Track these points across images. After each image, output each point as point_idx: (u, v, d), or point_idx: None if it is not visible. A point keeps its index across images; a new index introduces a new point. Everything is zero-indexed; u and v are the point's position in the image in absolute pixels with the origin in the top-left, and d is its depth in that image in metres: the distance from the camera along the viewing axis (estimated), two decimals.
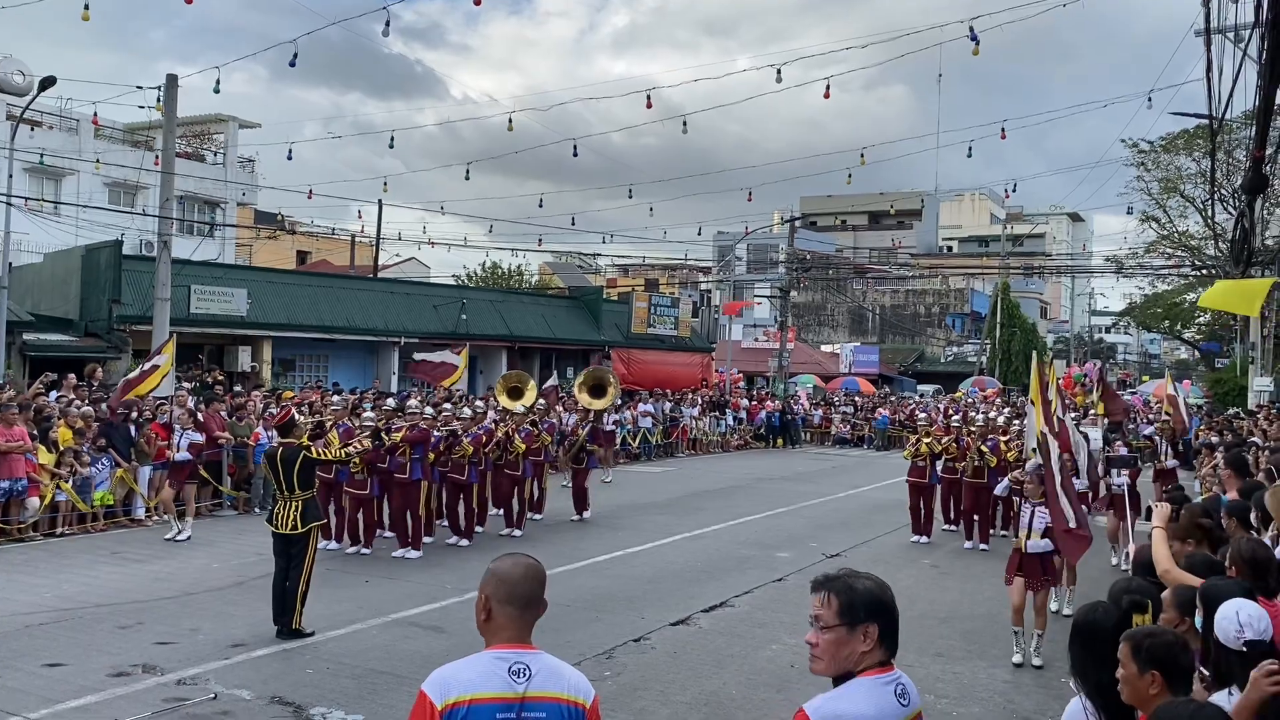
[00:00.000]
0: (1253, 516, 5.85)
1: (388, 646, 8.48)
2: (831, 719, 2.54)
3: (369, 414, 13.59)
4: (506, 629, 2.78)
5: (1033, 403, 10.02)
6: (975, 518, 14.31)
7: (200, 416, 15.11)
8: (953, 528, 14.91)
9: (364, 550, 12.55)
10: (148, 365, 14.71)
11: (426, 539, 12.80)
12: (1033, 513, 8.63)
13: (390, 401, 17.15)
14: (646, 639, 8.93)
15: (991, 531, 14.44)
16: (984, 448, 14.30)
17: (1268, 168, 11.45)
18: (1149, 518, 4.77)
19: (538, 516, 15.34)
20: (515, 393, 15.67)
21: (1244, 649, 3.15)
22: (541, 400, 17.09)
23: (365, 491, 12.64)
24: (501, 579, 2.81)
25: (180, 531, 13.26)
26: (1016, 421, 16.33)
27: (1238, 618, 3.22)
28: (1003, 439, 14.61)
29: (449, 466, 13.25)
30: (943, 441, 14.65)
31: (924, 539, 14.36)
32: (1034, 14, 16.23)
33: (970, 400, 30.75)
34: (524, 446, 14.42)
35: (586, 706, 2.78)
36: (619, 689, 7.44)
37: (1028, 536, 8.56)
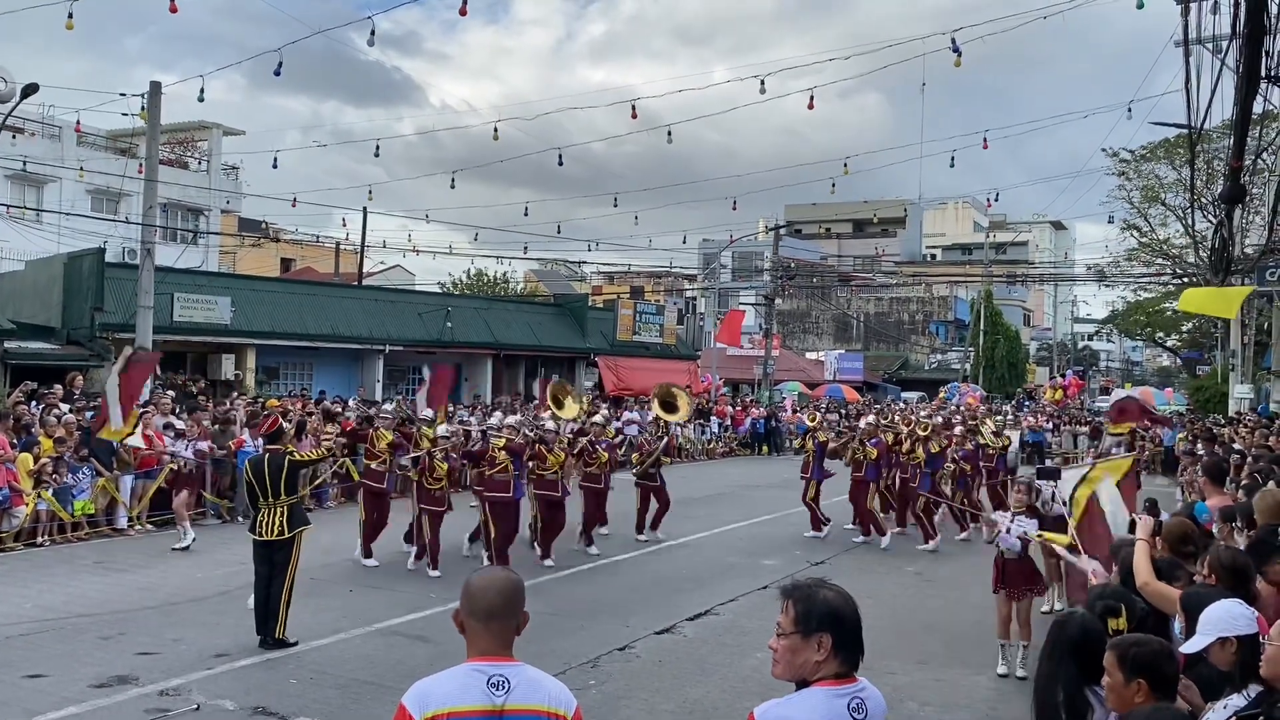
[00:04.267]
0: (1238, 521, 5.91)
1: (372, 656, 8.45)
2: None
3: (442, 428, 12.73)
4: (479, 641, 2.80)
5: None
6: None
7: (186, 424, 15.06)
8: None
9: (432, 572, 11.71)
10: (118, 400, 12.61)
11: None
12: (1013, 520, 8.63)
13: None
14: (631, 647, 8.94)
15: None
16: (867, 444, 14.91)
17: (1246, 177, 11.59)
18: (1132, 529, 4.82)
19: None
20: (557, 403, 14.61)
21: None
22: (598, 417, 15.52)
23: (443, 508, 11.94)
24: (469, 593, 2.83)
25: (184, 539, 13.21)
26: (956, 421, 17.40)
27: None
28: (918, 430, 15.28)
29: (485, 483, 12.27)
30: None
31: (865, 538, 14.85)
32: (1015, 25, 16.30)
33: (917, 402, 31.11)
34: (562, 457, 13.12)
35: (568, 718, 2.78)
36: (604, 698, 7.44)
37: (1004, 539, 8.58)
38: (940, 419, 17.65)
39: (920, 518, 14.73)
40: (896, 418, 18.04)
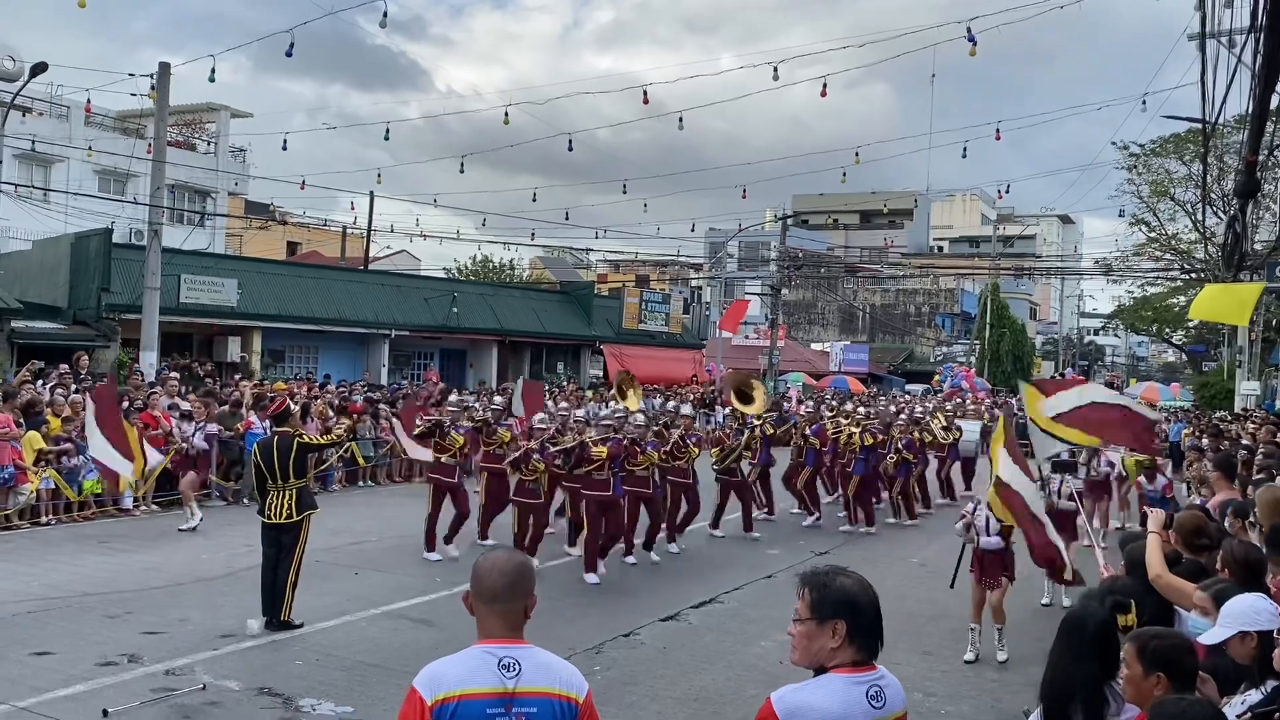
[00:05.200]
0: (1251, 517, 5.90)
1: (377, 639, 8.47)
2: (793, 708, 2.63)
3: (539, 417, 12.29)
4: (487, 624, 2.79)
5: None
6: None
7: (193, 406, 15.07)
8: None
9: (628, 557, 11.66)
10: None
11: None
12: (987, 516, 8.67)
13: (499, 399, 15.84)
14: (636, 634, 8.94)
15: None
16: (807, 431, 15.86)
17: (1260, 173, 11.50)
18: (1144, 523, 4.80)
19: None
20: (622, 393, 14.27)
21: None
22: (686, 409, 14.95)
23: (539, 500, 11.67)
24: (476, 575, 2.83)
25: (191, 520, 13.26)
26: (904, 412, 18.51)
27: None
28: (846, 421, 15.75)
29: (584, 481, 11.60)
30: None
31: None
32: (1032, 15, 16.12)
33: (921, 395, 31.19)
34: (656, 456, 12.35)
35: (579, 701, 2.77)
36: (608, 684, 7.44)
37: (983, 534, 8.64)
38: (893, 409, 18.91)
39: (850, 501, 15.24)
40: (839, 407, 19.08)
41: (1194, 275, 35.92)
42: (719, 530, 14.25)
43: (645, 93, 17.78)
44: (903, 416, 17.52)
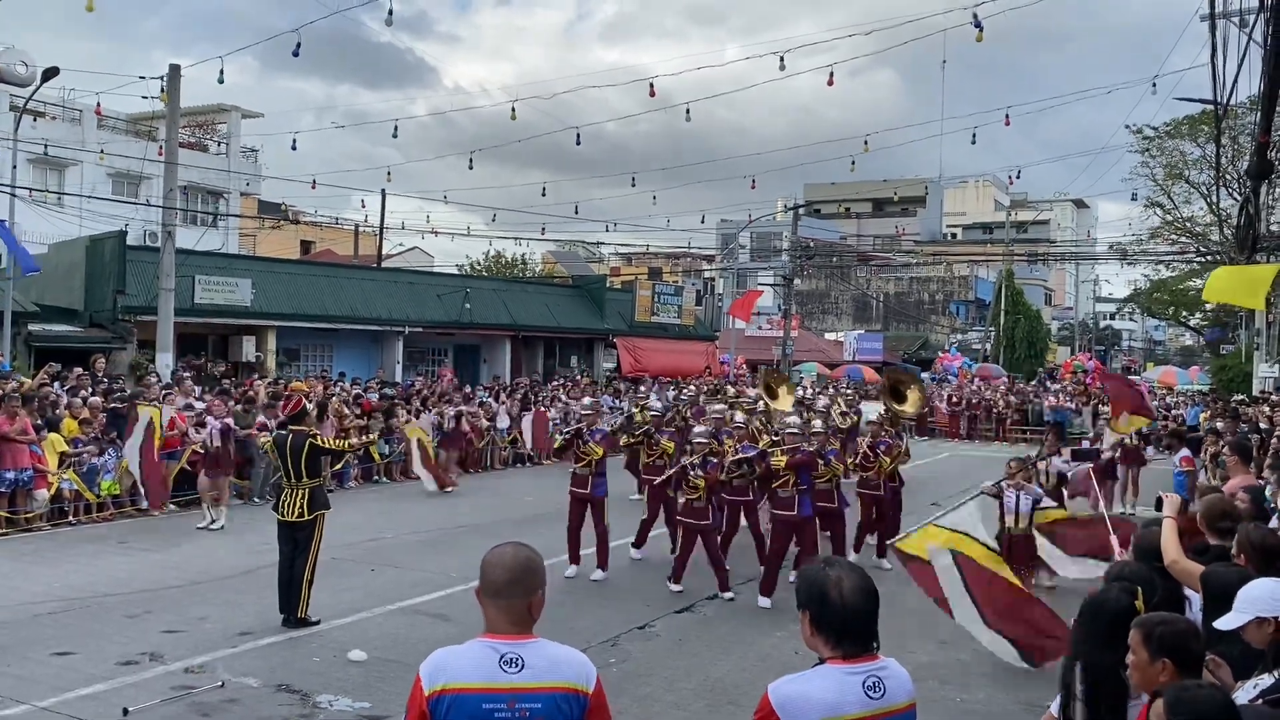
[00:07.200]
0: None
1: (394, 635, 8.51)
2: (786, 697, 2.67)
3: (700, 430, 11.14)
4: (494, 617, 2.79)
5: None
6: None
7: (205, 404, 15.15)
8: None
9: (673, 587, 10.33)
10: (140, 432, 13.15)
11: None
12: (1017, 498, 8.70)
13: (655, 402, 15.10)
14: (651, 626, 8.97)
15: None
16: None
17: (1273, 153, 11.42)
18: (1159, 507, 4.77)
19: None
20: (770, 392, 13.35)
21: None
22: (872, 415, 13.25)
23: (706, 521, 10.27)
24: (482, 569, 2.83)
25: (215, 520, 13.36)
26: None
27: None
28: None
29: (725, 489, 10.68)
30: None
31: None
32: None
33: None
34: (840, 467, 11.21)
35: (588, 692, 2.75)
36: (623, 675, 7.47)
37: (1015, 522, 8.65)
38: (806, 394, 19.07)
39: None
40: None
41: (1210, 258, 35.63)
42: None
43: (652, 85, 17.75)
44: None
